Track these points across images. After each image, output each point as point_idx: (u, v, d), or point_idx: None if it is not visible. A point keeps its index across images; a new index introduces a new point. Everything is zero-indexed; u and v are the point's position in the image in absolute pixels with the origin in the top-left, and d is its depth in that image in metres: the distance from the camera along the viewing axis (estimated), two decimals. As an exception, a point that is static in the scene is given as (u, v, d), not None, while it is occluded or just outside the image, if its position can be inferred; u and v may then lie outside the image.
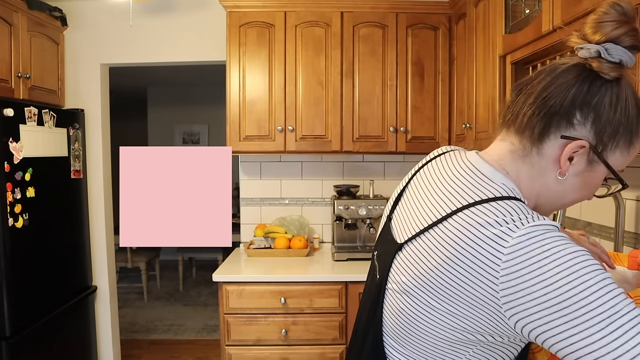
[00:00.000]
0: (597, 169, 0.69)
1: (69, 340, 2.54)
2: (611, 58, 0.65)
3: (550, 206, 0.74)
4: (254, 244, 2.70)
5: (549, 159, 0.69)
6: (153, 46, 2.79)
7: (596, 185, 0.72)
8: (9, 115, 2.07)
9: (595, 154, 0.67)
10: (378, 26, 2.47)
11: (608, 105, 0.66)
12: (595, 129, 0.67)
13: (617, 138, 0.67)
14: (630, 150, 0.69)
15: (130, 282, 5.24)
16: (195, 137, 6.37)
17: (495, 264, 0.61)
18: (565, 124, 0.67)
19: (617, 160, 0.69)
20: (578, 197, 0.73)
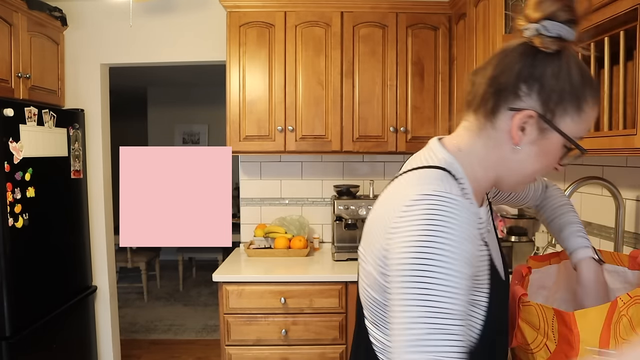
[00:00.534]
0: (551, 136, 0.73)
1: (69, 340, 2.54)
2: (549, 33, 0.71)
3: (514, 178, 0.79)
4: (254, 244, 2.70)
5: (503, 132, 0.75)
6: (153, 46, 2.79)
7: (555, 153, 0.75)
8: (9, 115, 2.07)
9: (545, 121, 0.72)
10: (378, 26, 2.47)
11: (551, 76, 0.72)
12: (541, 99, 0.72)
13: (564, 104, 0.72)
14: (582, 116, 0.73)
15: (130, 282, 5.24)
16: (195, 137, 6.37)
17: (396, 209, 0.70)
18: (513, 97, 0.73)
19: (570, 127, 0.73)
20: (539, 166, 0.76)
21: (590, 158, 1.75)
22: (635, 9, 1.02)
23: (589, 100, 0.73)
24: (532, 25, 0.72)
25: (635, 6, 1.02)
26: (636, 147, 1.05)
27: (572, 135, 0.74)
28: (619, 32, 1.14)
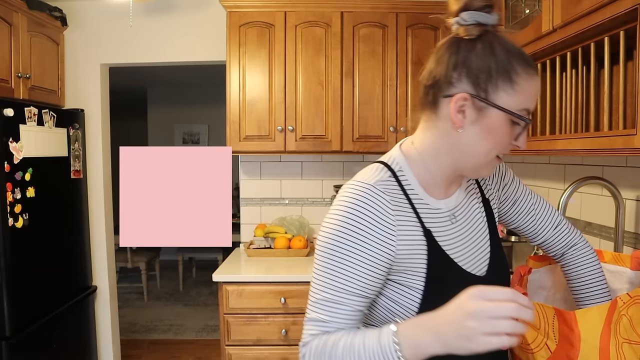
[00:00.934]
0: (490, 113, 0.77)
1: (69, 340, 2.54)
2: (467, 22, 0.78)
3: (469, 161, 0.82)
4: (254, 244, 2.70)
5: (446, 119, 0.80)
6: (153, 46, 2.79)
7: (501, 129, 0.78)
8: (9, 115, 2.07)
9: (480, 100, 0.77)
10: (378, 26, 2.47)
11: (475, 57, 0.77)
12: (471, 80, 0.77)
13: (494, 80, 0.76)
14: (515, 87, 0.76)
15: (130, 282, 5.24)
16: (195, 137, 6.37)
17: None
18: (447, 86, 0.79)
19: (507, 100, 0.76)
20: (490, 145, 0.79)
21: (590, 158, 1.75)
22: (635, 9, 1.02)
23: (519, 71, 0.76)
24: (454, 18, 0.81)
25: (635, 6, 1.02)
26: (636, 147, 1.04)
27: (513, 108, 0.77)
28: (619, 32, 1.14)
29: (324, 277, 0.79)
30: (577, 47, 1.34)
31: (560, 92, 1.48)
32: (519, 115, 0.77)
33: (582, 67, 1.34)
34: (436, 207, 0.86)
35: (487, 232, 0.92)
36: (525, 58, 0.79)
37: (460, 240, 0.87)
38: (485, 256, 0.89)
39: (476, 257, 0.88)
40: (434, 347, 0.66)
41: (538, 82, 0.81)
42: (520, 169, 2.37)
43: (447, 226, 0.86)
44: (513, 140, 0.80)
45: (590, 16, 1.18)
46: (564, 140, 1.36)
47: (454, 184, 0.89)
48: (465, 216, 0.90)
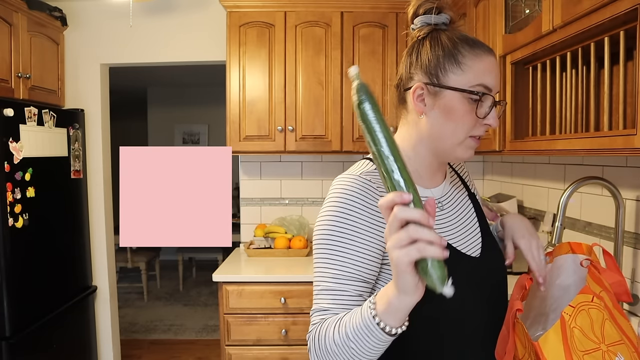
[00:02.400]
0: (444, 94, 0.85)
1: (69, 340, 2.54)
2: (417, 26, 0.91)
3: (443, 144, 0.88)
4: (254, 244, 2.70)
5: (412, 111, 0.90)
6: (153, 46, 2.79)
7: (459, 108, 0.85)
8: (9, 115, 2.07)
9: (433, 85, 0.86)
10: (378, 26, 2.47)
11: (425, 52, 0.88)
12: (423, 70, 0.87)
13: (442, 65, 0.85)
14: (463, 67, 0.84)
15: (130, 282, 5.24)
16: (195, 137, 6.36)
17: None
18: (408, 81, 0.90)
19: (457, 79, 0.85)
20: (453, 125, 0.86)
21: (590, 158, 1.76)
22: (635, 9, 1.02)
23: (464, 53, 0.85)
24: (410, 26, 0.93)
25: (635, 6, 1.02)
26: (636, 147, 1.05)
27: (466, 86, 0.84)
28: (619, 32, 1.14)
29: (323, 267, 0.83)
30: (577, 47, 1.34)
31: (560, 92, 1.48)
32: (470, 90, 0.84)
33: (582, 67, 1.34)
34: (423, 195, 0.91)
35: (477, 221, 0.98)
36: (472, 41, 0.87)
37: (451, 226, 0.93)
38: (477, 240, 0.95)
39: (468, 240, 0.93)
40: (394, 295, 0.65)
41: (490, 61, 0.86)
42: (520, 169, 2.37)
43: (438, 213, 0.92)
44: (481, 119, 0.86)
45: (590, 16, 1.18)
46: (564, 140, 1.36)
47: (438, 173, 0.96)
48: (452, 205, 0.96)
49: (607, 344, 0.83)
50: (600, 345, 0.83)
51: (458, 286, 0.81)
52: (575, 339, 0.82)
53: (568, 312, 0.83)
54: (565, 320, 0.83)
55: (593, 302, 0.86)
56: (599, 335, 0.84)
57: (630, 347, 0.85)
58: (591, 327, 0.84)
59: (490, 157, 2.72)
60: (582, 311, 0.84)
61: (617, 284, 0.96)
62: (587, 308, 0.85)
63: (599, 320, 0.85)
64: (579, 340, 0.82)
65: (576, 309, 0.84)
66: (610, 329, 0.85)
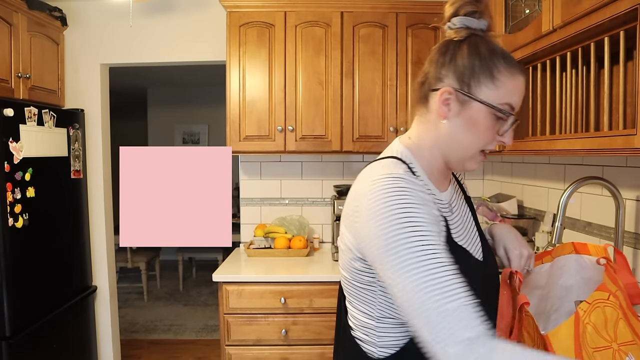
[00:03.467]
0: (472, 106, 0.84)
1: (69, 340, 2.54)
2: (455, 26, 0.88)
3: (456, 153, 0.88)
4: (254, 244, 2.70)
5: (434, 112, 0.88)
6: (153, 46, 2.79)
7: (482, 122, 0.84)
8: (9, 115, 2.07)
9: (463, 93, 0.84)
10: (378, 26, 2.47)
11: (461, 57, 0.85)
12: (456, 76, 0.85)
13: (477, 76, 0.83)
14: (497, 83, 0.83)
15: (130, 282, 5.24)
16: (195, 137, 6.36)
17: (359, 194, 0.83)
18: (436, 81, 0.87)
19: (488, 94, 0.83)
20: (473, 137, 0.85)
21: (590, 158, 1.75)
22: (635, 9, 1.02)
23: (500, 69, 0.84)
24: (446, 24, 0.90)
25: (635, 6, 1.02)
26: (636, 147, 1.04)
27: (494, 102, 0.83)
28: (619, 32, 1.14)
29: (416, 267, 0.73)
30: (577, 47, 1.34)
31: (560, 92, 1.48)
32: (499, 109, 0.83)
33: (582, 67, 1.34)
34: (440, 198, 0.92)
35: (475, 225, 1.00)
36: (509, 58, 0.86)
37: (461, 230, 0.93)
38: (478, 243, 0.97)
39: (473, 243, 0.95)
40: None
41: (521, 81, 0.86)
42: (520, 169, 2.37)
43: (449, 216, 0.92)
44: (498, 136, 0.86)
45: (590, 16, 1.18)
46: (564, 140, 1.36)
47: (446, 178, 0.96)
48: (458, 209, 0.97)
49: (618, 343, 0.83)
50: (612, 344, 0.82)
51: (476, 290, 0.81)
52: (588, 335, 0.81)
53: (583, 308, 0.83)
54: (580, 315, 0.82)
55: (609, 300, 0.85)
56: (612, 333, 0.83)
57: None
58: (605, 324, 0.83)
59: (490, 157, 2.72)
60: (598, 308, 0.83)
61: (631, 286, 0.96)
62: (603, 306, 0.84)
63: (613, 318, 0.84)
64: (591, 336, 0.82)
65: (592, 306, 0.83)
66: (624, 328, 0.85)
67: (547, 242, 1.98)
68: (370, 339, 0.90)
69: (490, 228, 1.08)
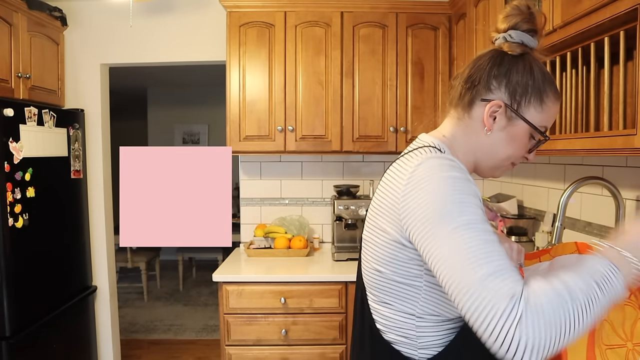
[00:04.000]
0: (517, 123, 0.88)
1: (69, 340, 2.54)
2: (513, 40, 0.88)
3: (490, 162, 0.92)
4: (254, 244, 2.70)
5: (478, 120, 0.90)
6: (153, 46, 2.79)
7: (521, 140, 0.89)
8: (9, 115, 2.07)
9: (511, 110, 0.87)
10: (378, 26, 2.47)
11: (516, 73, 0.87)
12: (509, 91, 0.87)
13: (528, 96, 0.87)
14: (544, 107, 0.87)
15: (130, 282, 5.24)
16: (195, 137, 6.36)
17: (402, 180, 0.83)
18: (485, 91, 0.89)
19: (534, 116, 0.87)
20: (510, 151, 0.90)
21: (590, 158, 1.75)
22: (635, 9, 1.03)
23: (549, 95, 0.88)
24: (501, 34, 0.90)
25: (635, 6, 1.02)
26: (636, 147, 1.05)
27: (537, 124, 0.88)
28: (619, 32, 1.14)
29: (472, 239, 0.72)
30: (577, 47, 1.34)
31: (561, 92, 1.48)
32: (541, 132, 0.88)
33: (582, 67, 1.34)
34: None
35: None
36: (554, 84, 0.89)
37: None
38: None
39: None
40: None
41: (558, 108, 0.91)
42: (520, 169, 2.37)
43: None
44: (527, 153, 0.91)
45: (590, 16, 1.18)
46: (564, 140, 1.36)
47: None
48: None
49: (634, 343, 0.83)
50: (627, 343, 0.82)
51: None
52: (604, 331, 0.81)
53: None
54: None
55: (630, 300, 0.85)
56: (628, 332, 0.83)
57: None
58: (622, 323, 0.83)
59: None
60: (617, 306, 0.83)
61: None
62: (623, 304, 0.84)
63: (631, 318, 0.84)
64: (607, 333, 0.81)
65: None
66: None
67: (547, 242, 1.98)
68: (410, 340, 0.88)
69: None
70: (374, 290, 0.92)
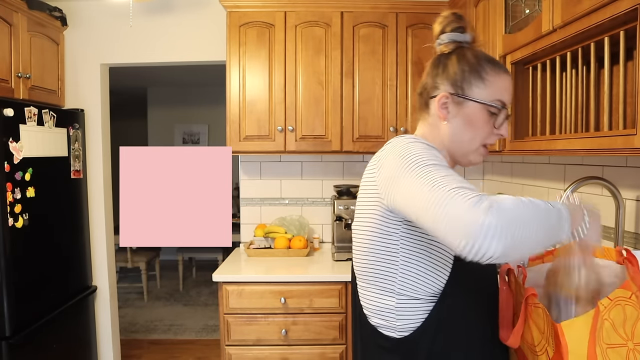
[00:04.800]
0: (468, 105, 0.97)
1: (69, 340, 2.54)
2: (444, 41, 1.02)
3: (458, 149, 1.00)
4: (254, 244, 2.70)
5: (435, 115, 1.02)
6: (153, 46, 2.79)
7: (478, 119, 0.97)
8: (9, 115, 2.07)
9: (458, 96, 0.98)
10: (378, 26, 2.47)
11: (451, 65, 0.99)
12: (450, 82, 0.99)
13: (467, 79, 0.97)
14: (486, 83, 0.97)
15: (130, 282, 5.24)
16: (195, 137, 6.36)
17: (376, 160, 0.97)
18: (433, 90, 1.02)
19: (480, 93, 0.97)
20: (471, 132, 0.98)
21: (590, 158, 1.75)
22: (635, 9, 1.03)
23: (487, 70, 0.97)
24: (436, 41, 1.05)
25: (635, 6, 1.02)
26: (636, 147, 1.05)
27: (486, 99, 0.96)
28: (619, 32, 1.14)
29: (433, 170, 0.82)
30: (577, 47, 1.34)
31: (560, 92, 1.48)
32: (492, 104, 0.96)
33: (582, 67, 1.34)
34: None
35: None
36: (493, 60, 1.00)
37: None
38: None
39: None
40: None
41: (507, 79, 0.99)
42: (520, 169, 2.37)
43: None
44: (495, 129, 0.98)
45: (590, 16, 1.18)
46: (564, 140, 1.36)
47: None
48: None
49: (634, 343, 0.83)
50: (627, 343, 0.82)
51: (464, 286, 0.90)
52: (605, 331, 0.81)
53: (605, 303, 0.83)
54: (600, 310, 0.82)
55: (630, 299, 0.85)
56: (629, 332, 0.83)
57: None
58: (623, 322, 0.83)
59: (490, 157, 2.72)
60: (618, 305, 0.83)
61: None
62: (624, 304, 0.84)
63: (632, 317, 0.84)
64: (608, 333, 0.82)
65: (613, 302, 0.83)
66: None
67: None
68: (389, 323, 0.96)
69: None
70: (360, 274, 1.02)
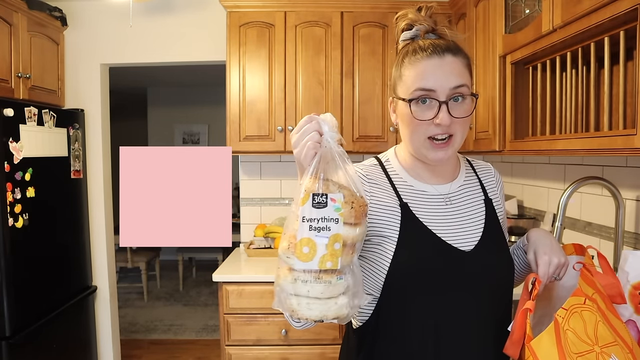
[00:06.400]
0: (398, 104, 0.99)
1: (69, 340, 2.54)
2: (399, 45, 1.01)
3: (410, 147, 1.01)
4: (254, 244, 2.70)
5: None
6: (153, 46, 2.79)
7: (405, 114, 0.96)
8: (9, 115, 2.07)
9: (393, 98, 1.01)
10: (378, 26, 2.47)
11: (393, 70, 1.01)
12: (391, 87, 1.01)
13: (395, 80, 0.99)
14: (403, 78, 0.96)
15: (130, 282, 5.24)
16: (195, 137, 6.36)
17: None
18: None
19: (402, 90, 0.96)
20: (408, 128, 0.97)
21: (590, 158, 1.76)
22: (635, 9, 1.03)
23: (405, 64, 0.95)
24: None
25: (635, 6, 1.02)
26: (636, 147, 1.05)
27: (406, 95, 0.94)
28: (619, 32, 1.14)
29: None
30: (577, 47, 1.34)
31: (560, 92, 1.48)
32: (404, 99, 0.94)
33: (582, 67, 1.34)
34: (421, 189, 1.01)
35: (483, 222, 1.01)
36: (418, 49, 0.95)
37: (449, 220, 0.99)
38: (473, 237, 0.98)
39: (462, 235, 0.98)
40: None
41: (428, 63, 0.92)
42: (520, 169, 2.37)
43: (437, 206, 1.00)
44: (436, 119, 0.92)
45: (590, 16, 1.18)
46: (564, 140, 1.36)
47: (443, 172, 1.03)
48: (460, 202, 1.02)
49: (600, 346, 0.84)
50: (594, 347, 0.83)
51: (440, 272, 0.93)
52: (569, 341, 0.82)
53: (561, 314, 0.84)
54: (559, 322, 0.83)
55: (585, 305, 0.86)
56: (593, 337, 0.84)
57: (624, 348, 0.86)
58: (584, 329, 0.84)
59: (490, 157, 2.72)
60: (575, 314, 0.84)
61: (610, 286, 0.96)
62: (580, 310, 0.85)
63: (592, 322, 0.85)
64: (573, 342, 0.82)
65: (569, 312, 0.84)
66: (604, 330, 0.85)
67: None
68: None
69: (528, 232, 1.08)
70: None
